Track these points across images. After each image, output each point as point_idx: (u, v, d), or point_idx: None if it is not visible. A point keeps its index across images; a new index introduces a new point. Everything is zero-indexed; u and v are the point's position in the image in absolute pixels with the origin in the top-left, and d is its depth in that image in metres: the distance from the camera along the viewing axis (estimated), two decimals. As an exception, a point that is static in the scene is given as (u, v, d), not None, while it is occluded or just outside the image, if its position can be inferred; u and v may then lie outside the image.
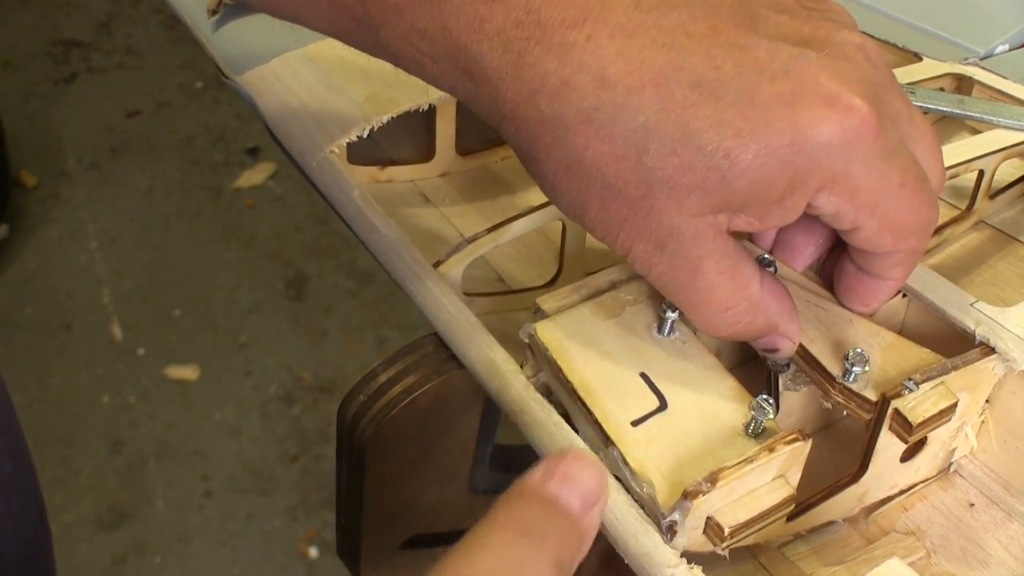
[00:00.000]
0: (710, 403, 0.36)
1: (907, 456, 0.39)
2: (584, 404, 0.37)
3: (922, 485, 0.41)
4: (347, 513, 0.51)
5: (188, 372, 1.64)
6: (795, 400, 0.42)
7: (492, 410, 0.48)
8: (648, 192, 0.33)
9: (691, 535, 0.34)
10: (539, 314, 0.40)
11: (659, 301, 0.39)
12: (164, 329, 1.70)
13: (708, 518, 0.33)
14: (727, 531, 0.33)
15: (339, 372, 1.64)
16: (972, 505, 0.41)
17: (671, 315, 0.38)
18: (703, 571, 0.34)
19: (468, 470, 0.51)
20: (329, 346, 1.68)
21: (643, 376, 0.37)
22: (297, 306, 1.74)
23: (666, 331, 0.39)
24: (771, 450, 0.34)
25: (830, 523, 0.40)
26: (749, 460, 0.33)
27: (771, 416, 0.35)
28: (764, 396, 0.35)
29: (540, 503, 0.29)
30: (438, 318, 0.44)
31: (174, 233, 1.87)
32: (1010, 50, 0.63)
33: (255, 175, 1.99)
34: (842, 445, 0.43)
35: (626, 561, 0.35)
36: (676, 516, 0.33)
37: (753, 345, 0.39)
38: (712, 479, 0.33)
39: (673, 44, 0.32)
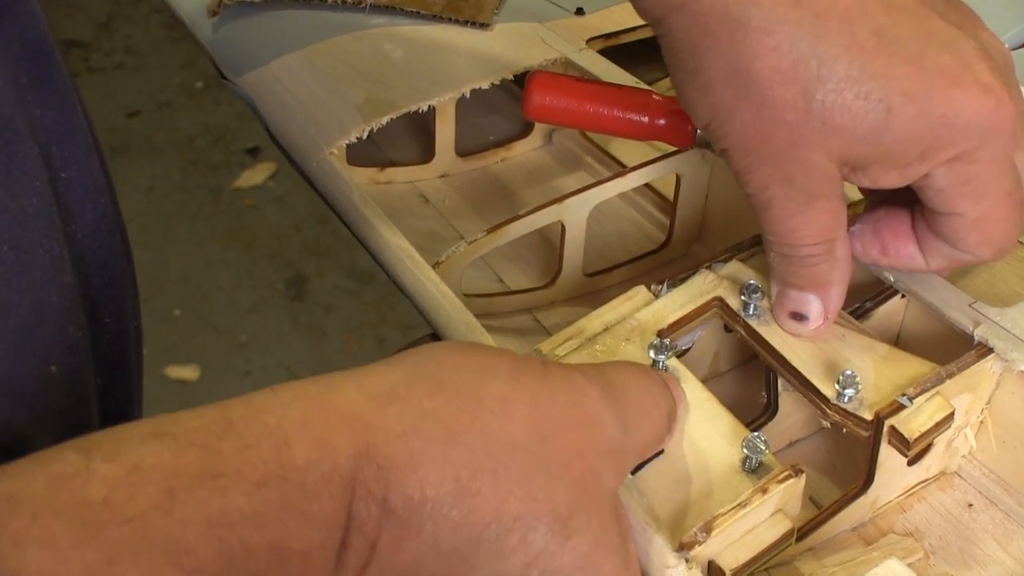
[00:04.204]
0: (706, 442, 0.36)
1: (914, 460, 0.39)
2: None
3: (921, 486, 0.41)
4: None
5: (188, 372, 1.64)
6: (794, 400, 0.42)
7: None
8: (804, 121, 0.34)
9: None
10: None
11: (649, 340, 0.39)
12: (164, 329, 1.69)
13: (710, 562, 0.34)
14: (729, 574, 0.33)
15: (339, 372, 1.64)
16: (971, 506, 0.41)
17: (661, 357, 0.38)
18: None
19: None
20: (329, 346, 1.68)
21: None
22: (297, 306, 1.74)
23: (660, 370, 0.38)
24: (764, 491, 0.34)
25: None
26: (742, 504, 0.34)
27: (766, 452, 0.35)
28: (756, 434, 0.35)
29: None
30: (437, 319, 0.44)
31: (174, 233, 1.87)
32: (1010, 50, 0.63)
33: (255, 175, 1.99)
34: (842, 446, 0.43)
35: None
36: (677, 566, 0.33)
37: (780, 305, 0.40)
38: (707, 528, 0.33)
39: None
